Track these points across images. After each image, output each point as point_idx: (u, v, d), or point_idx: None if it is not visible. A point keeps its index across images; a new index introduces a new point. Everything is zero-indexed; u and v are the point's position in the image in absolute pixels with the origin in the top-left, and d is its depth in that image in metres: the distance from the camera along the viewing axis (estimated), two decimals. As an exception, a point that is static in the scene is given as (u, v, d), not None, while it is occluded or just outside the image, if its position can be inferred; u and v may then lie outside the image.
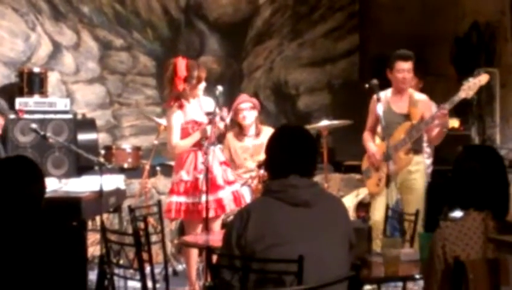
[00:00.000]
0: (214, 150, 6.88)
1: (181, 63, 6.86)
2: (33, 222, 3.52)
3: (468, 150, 3.90)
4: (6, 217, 3.51)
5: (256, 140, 7.78)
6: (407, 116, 6.98)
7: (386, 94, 7.02)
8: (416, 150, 7.02)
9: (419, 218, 5.81)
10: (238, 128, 7.87)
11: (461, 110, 7.96)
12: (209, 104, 6.91)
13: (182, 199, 6.83)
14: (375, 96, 7.10)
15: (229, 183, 6.98)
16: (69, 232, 3.59)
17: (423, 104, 7.06)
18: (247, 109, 7.80)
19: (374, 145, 7.12)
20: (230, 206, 6.84)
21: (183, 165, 6.86)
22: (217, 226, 6.84)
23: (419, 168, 7.08)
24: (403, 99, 7.02)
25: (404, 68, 6.97)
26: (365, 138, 7.21)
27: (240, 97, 8.02)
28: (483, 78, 6.71)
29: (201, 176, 6.69)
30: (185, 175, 6.84)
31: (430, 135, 7.05)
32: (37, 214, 3.57)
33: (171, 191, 6.94)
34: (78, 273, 3.56)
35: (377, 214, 6.89)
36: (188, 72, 6.80)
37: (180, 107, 6.85)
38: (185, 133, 6.84)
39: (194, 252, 6.82)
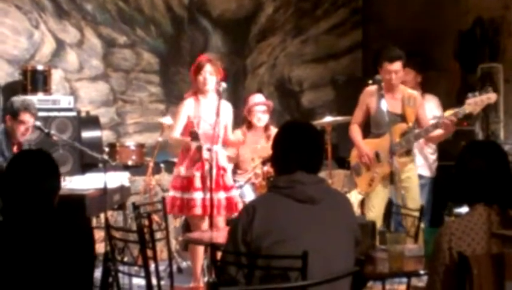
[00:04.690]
0: (216, 152, 6.91)
1: (199, 58, 7.15)
2: (46, 216, 3.51)
3: (472, 146, 3.89)
4: (20, 211, 3.51)
5: (262, 141, 7.80)
6: (400, 116, 6.95)
7: (377, 90, 7.00)
8: (408, 150, 7.01)
9: (417, 213, 5.79)
10: (248, 128, 7.90)
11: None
12: (225, 109, 6.98)
13: (178, 193, 6.93)
14: (367, 89, 7.11)
15: (225, 189, 7.01)
16: (79, 227, 3.59)
17: (416, 102, 7.03)
18: (262, 112, 7.85)
19: (366, 143, 7.09)
20: (222, 211, 6.90)
21: (183, 161, 6.94)
22: (220, 223, 6.88)
23: (411, 166, 7.07)
24: (396, 97, 6.98)
25: (390, 70, 6.91)
26: (354, 133, 7.18)
27: (255, 97, 8.05)
28: (492, 97, 6.62)
29: (198, 173, 6.78)
30: (182, 170, 6.93)
31: (428, 137, 7.03)
32: (50, 209, 3.57)
33: (170, 186, 7.05)
34: (87, 268, 3.57)
35: (371, 213, 6.88)
36: (195, 65, 6.96)
37: (196, 99, 6.95)
38: (190, 126, 6.91)
39: (200, 249, 6.84)
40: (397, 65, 6.90)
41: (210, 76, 6.97)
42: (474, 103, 6.59)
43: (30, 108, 6.85)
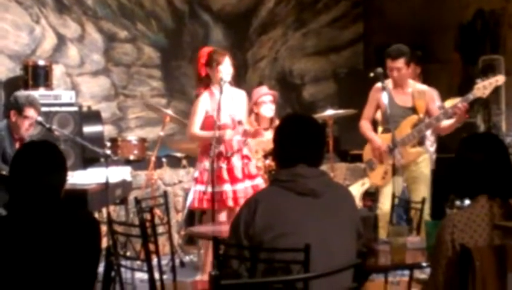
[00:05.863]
0: (239, 141, 6.92)
1: (204, 50, 7.08)
2: (52, 209, 3.48)
3: (470, 140, 3.87)
4: (26, 204, 3.48)
5: (269, 133, 7.80)
6: (411, 110, 6.97)
7: (388, 85, 7.01)
8: (420, 141, 7.04)
9: (426, 206, 5.80)
10: (255, 120, 7.90)
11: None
12: (240, 97, 6.98)
13: (204, 187, 6.88)
14: (376, 86, 7.12)
15: (250, 177, 6.99)
16: (86, 220, 3.58)
17: (426, 95, 7.06)
18: (270, 102, 7.85)
19: (378, 137, 7.11)
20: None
21: (208, 154, 6.91)
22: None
23: (424, 157, 7.10)
24: (405, 92, 7.01)
25: (392, 66, 6.95)
26: (365, 128, 7.18)
27: (261, 89, 8.06)
28: (500, 79, 6.69)
29: (224, 165, 6.78)
30: (208, 164, 6.91)
31: (438, 126, 7.04)
32: (57, 202, 3.54)
33: (196, 180, 6.99)
34: (93, 262, 3.56)
35: (387, 203, 6.88)
36: (208, 57, 6.93)
37: (210, 93, 6.94)
38: (209, 121, 6.88)
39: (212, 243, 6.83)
40: (399, 62, 6.92)
41: (230, 67, 6.98)
42: (483, 86, 6.63)
43: (35, 103, 6.85)
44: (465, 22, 9.54)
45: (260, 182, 7.03)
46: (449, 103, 6.92)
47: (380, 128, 7.30)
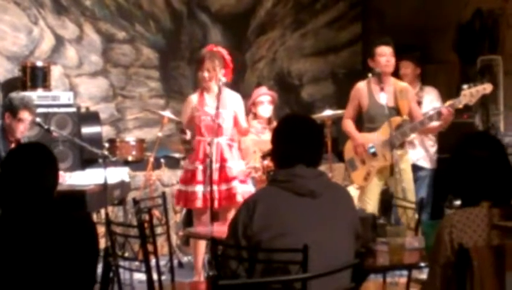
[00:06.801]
0: (218, 143, 6.94)
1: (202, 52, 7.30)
2: (46, 210, 3.47)
3: (473, 137, 3.85)
4: (19, 205, 3.47)
5: (266, 134, 7.80)
6: (394, 109, 6.95)
7: (370, 84, 7.02)
8: (402, 143, 7.03)
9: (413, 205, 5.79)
10: (253, 120, 7.90)
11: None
12: (235, 99, 7.09)
13: (182, 187, 7.00)
14: (357, 85, 7.14)
15: (227, 180, 7.00)
16: (82, 220, 3.57)
17: (408, 94, 7.06)
18: (268, 102, 7.86)
19: (361, 135, 7.09)
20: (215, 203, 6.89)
21: (192, 154, 7.02)
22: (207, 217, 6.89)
23: (406, 158, 7.09)
24: (387, 90, 6.98)
25: (386, 52, 6.98)
26: (348, 127, 7.18)
27: (260, 89, 8.07)
28: (487, 87, 6.72)
29: (200, 167, 6.82)
30: (187, 164, 7.02)
31: (424, 128, 7.05)
32: (50, 202, 3.53)
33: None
34: (90, 263, 3.55)
35: (368, 207, 6.87)
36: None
37: (200, 94, 7.10)
38: (193, 121, 7.06)
39: (202, 243, 6.86)
40: (391, 49, 6.99)
41: (209, 73, 6.99)
42: (470, 94, 6.66)
43: (29, 105, 6.84)
44: (463, 22, 9.54)
45: (235, 186, 7.02)
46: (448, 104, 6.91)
47: None
